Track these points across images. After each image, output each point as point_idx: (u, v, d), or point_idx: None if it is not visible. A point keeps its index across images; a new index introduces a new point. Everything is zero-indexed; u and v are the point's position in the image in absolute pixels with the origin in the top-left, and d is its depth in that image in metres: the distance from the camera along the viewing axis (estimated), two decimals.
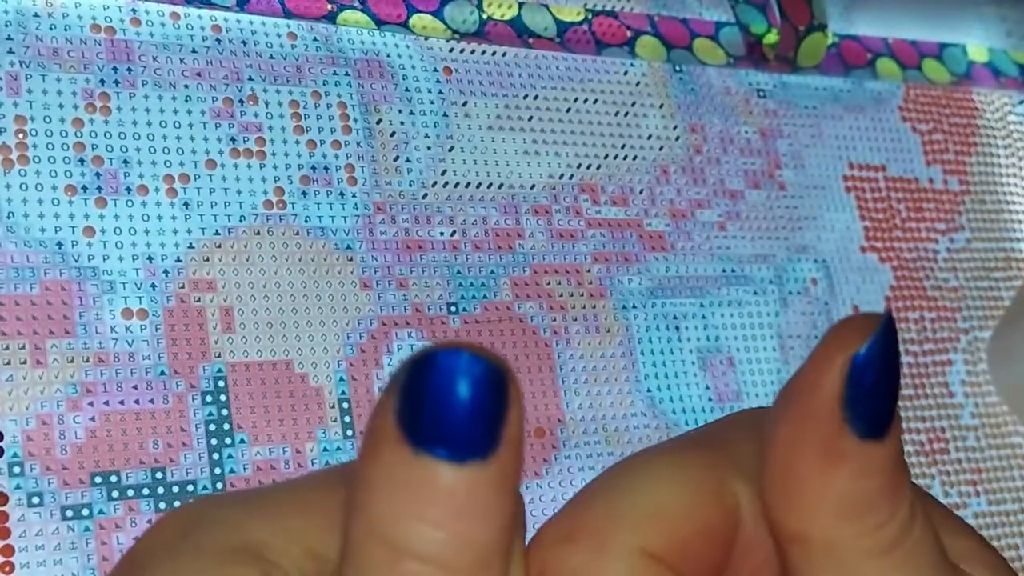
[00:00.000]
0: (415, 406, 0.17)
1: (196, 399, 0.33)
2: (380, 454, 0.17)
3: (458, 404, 0.17)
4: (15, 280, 0.32)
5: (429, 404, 0.17)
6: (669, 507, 0.21)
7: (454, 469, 0.17)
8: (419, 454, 0.17)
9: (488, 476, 0.17)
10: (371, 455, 0.17)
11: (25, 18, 0.34)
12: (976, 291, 0.48)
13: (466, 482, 0.17)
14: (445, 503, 0.17)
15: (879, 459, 0.19)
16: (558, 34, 0.41)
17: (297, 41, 0.38)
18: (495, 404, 0.17)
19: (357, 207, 0.37)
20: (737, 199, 0.44)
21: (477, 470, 0.17)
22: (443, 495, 0.17)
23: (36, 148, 0.33)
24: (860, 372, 0.19)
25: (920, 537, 0.20)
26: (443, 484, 0.17)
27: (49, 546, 0.30)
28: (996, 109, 0.52)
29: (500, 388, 0.17)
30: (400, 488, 0.17)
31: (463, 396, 0.17)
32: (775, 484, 0.20)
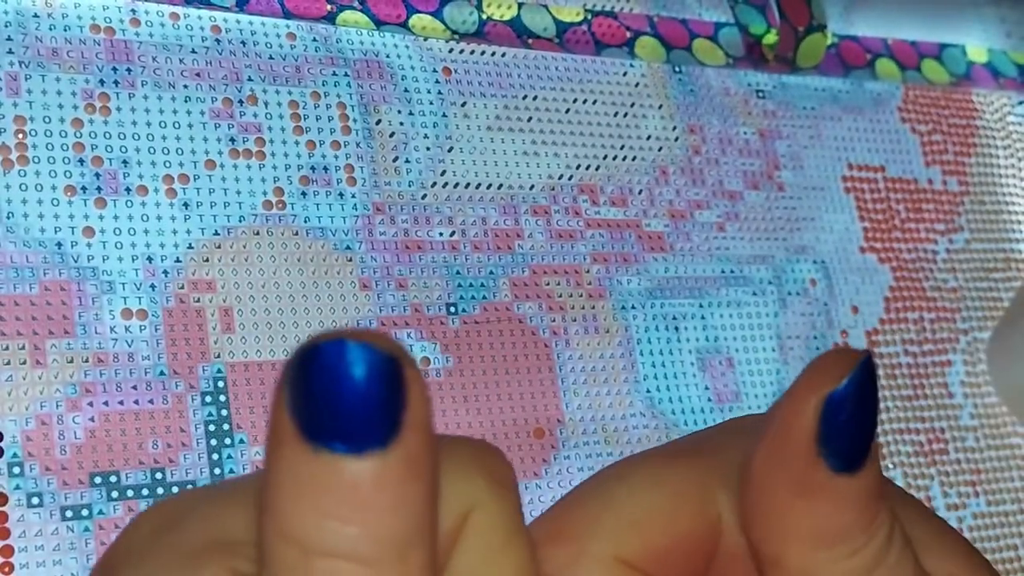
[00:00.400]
0: (306, 400, 0.16)
1: (196, 399, 0.33)
2: (280, 452, 0.17)
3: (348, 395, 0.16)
4: (15, 280, 0.32)
5: (319, 398, 0.16)
6: (648, 517, 0.21)
7: (355, 461, 0.16)
8: (317, 450, 0.16)
9: (391, 464, 0.16)
10: (272, 453, 0.17)
11: (25, 18, 0.34)
12: (975, 292, 0.48)
13: (369, 473, 0.16)
14: (350, 497, 0.16)
15: (853, 492, 0.20)
16: (557, 34, 0.41)
17: (296, 41, 0.38)
18: (388, 390, 0.16)
19: (356, 207, 0.37)
20: (736, 200, 0.44)
21: (379, 460, 0.16)
22: (347, 489, 0.16)
23: (36, 148, 0.33)
24: (835, 410, 0.19)
25: (896, 563, 0.20)
26: (346, 478, 0.16)
27: (49, 546, 0.30)
28: (995, 110, 0.52)
29: (392, 373, 0.16)
30: (303, 486, 0.16)
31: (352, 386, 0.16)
32: (752, 511, 0.21)
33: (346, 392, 0.16)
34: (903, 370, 0.45)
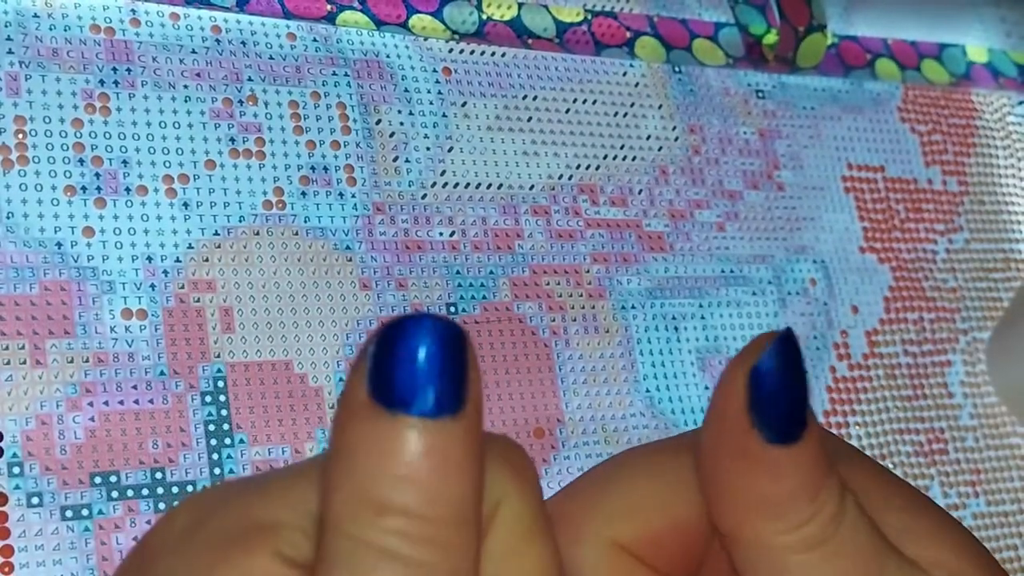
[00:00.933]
0: (386, 370, 0.18)
1: (196, 399, 0.33)
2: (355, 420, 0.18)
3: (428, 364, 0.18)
4: (15, 280, 0.32)
5: (400, 367, 0.18)
6: (644, 503, 0.22)
7: (428, 426, 0.18)
8: (394, 415, 0.18)
9: (460, 432, 0.18)
10: (346, 422, 0.18)
11: (25, 18, 0.34)
12: (975, 292, 0.48)
13: (441, 438, 0.18)
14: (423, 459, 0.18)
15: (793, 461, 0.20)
16: (557, 35, 0.41)
17: (297, 42, 0.38)
18: (460, 364, 0.18)
19: (356, 207, 0.37)
20: (736, 200, 0.44)
21: (450, 426, 0.18)
22: (420, 451, 0.18)
23: (36, 148, 0.33)
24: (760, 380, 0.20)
25: (850, 534, 0.21)
26: (419, 441, 0.18)
27: (49, 546, 0.30)
28: (995, 110, 0.52)
29: (463, 349, 0.18)
30: (378, 449, 0.18)
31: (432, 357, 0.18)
32: (705, 489, 0.22)
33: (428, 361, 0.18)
34: (903, 370, 0.45)
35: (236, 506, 0.19)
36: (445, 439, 0.18)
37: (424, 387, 0.18)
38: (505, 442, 0.20)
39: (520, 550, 0.19)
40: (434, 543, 0.18)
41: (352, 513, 0.18)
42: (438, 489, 0.18)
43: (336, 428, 0.19)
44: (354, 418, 0.18)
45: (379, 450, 0.18)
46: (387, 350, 0.18)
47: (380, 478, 0.18)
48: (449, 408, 0.18)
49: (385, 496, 0.18)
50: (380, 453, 0.18)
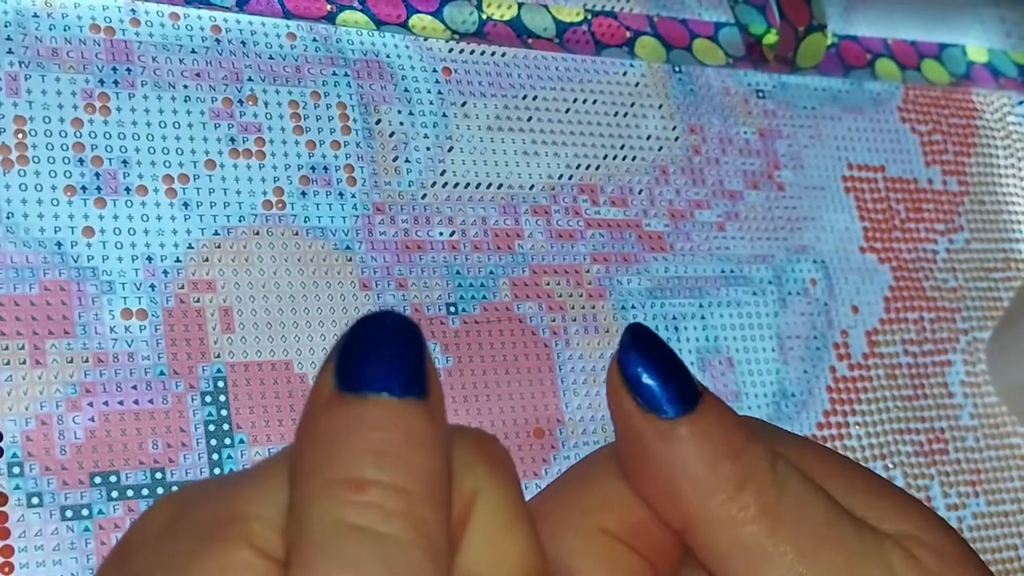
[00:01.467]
0: (353, 361, 0.19)
1: (196, 399, 0.33)
2: (325, 408, 0.19)
3: (392, 352, 0.19)
4: (15, 280, 0.32)
5: (369, 354, 0.19)
6: (622, 494, 0.23)
7: (398, 405, 0.19)
8: (364, 396, 0.19)
9: (427, 411, 0.19)
10: (315, 412, 0.19)
11: (25, 18, 0.34)
12: (975, 292, 0.48)
13: (410, 415, 0.19)
14: (394, 433, 0.19)
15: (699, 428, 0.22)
16: (557, 34, 0.41)
17: (296, 41, 0.38)
18: (421, 354, 0.19)
19: (356, 207, 0.37)
20: (736, 200, 0.44)
21: (417, 407, 0.19)
22: (391, 427, 0.19)
23: (36, 148, 0.33)
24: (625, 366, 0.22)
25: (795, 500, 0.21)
26: (390, 418, 0.19)
27: (48, 546, 0.30)
28: (995, 110, 0.52)
29: (422, 342, 0.19)
30: (349, 429, 0.19)
31: (395, 345, 0.19)
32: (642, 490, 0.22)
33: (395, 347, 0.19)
34: (903, 370, 0.45)
35: (212, 500, 0.20)
36: (413, 418, 0.19)
37: (390, 371, 0.19)
38: (478, 434, 0.21)
39: (502, 538, 0.20)
40: (409, 518, 0.18)
41: (325, 493, 0.18)
42: (411, 464, 0.18)
43: (305, 419, 0.19)
44: (324, 407, 0.19)
45: (350, 430, 0.18)
46: (352, 344, 0.19)
47: (353, 456, 0.18)
48: (414, 391, 0.19)
49: (358, 473, 0.18)
50: (351, 432, 0.18)
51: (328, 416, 0.19)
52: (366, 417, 0.19)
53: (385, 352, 0.19)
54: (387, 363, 0.19)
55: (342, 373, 0.19)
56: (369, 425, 0.19)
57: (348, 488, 0.18)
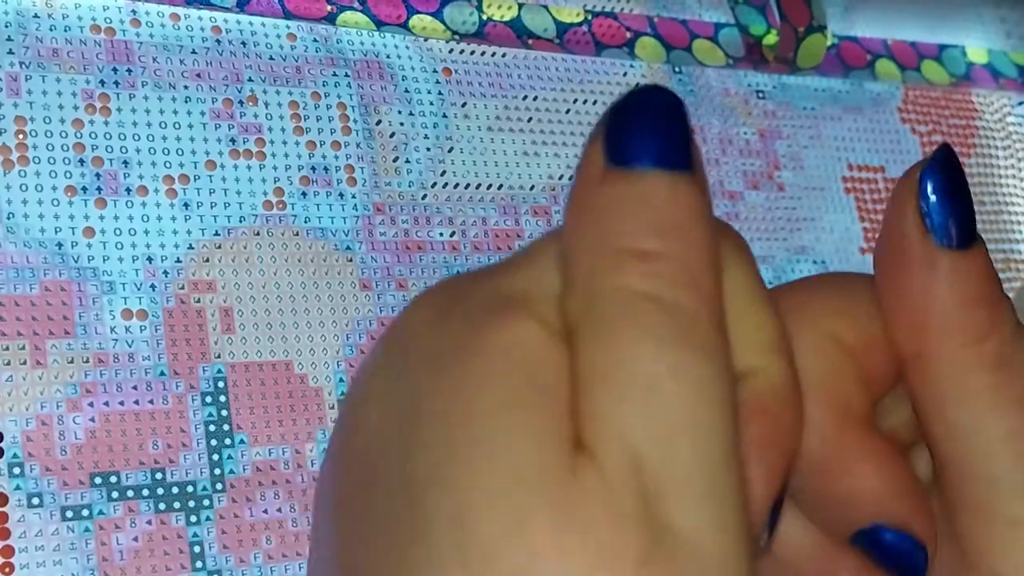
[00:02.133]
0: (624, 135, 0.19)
1: (196, 400, 0.33)
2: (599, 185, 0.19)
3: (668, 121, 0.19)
4: (15, 280, 0.32)
5: (638, 125, 0.19)
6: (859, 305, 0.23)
7: (674, 178, 0.19)
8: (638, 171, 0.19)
9: (696, 185, 0.19)
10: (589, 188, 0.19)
11: (25, 18, 0.34)
12: None
13: (686, 189, 0.19)
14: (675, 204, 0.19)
15: (966, 267, 0.21)
16: (558, 35, 0.41)
17: (297, 42, 0.38)
18: (688, 125, 0.20)
19: (357, 208, 0.37)
20: (736, 200, 0.44)
21: (690, 178, 0.19)
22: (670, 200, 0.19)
23: (36, 149, 0.33)
24: (927, 183, 0.22)
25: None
26: (667, 191, 0.19)
27: (49, 547, 0.30)
28: (995, 110, 0.52)
29: (686, 113, 0.20)
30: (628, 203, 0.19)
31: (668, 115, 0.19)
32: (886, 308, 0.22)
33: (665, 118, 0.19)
34: None
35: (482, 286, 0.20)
36: (689, 191, 0.19)
37: (662, 146, 0.19)
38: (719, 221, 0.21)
39: (750, 312, 0.20)
40: (693, 286, 0.19)
41: (612, 264, 0.19)
42: (693, 233, 0.19)
43: (577, 196, 0.19)
44: (598, 183, 0.19)
45: (629, 203, 0.19)
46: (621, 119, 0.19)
47: (635, 228, 0.19)
48: (685, 164, 0.19)
49: (641, 243, 0.19)
50: (631, 205, 0.19)
51: (603, 191, 0.19)
52: (644, 191, 0.19)
53: (657, 126, 0.19)
54: (658, 137, 0.19)
55: (613, 148, 0.19)
56: (649, 198, 0.19)
57: (635, 258, 0.19)
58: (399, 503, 0.18)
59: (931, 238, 0.21)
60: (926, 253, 0.21)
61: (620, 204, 0.19)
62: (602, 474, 0.17)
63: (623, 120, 0.19)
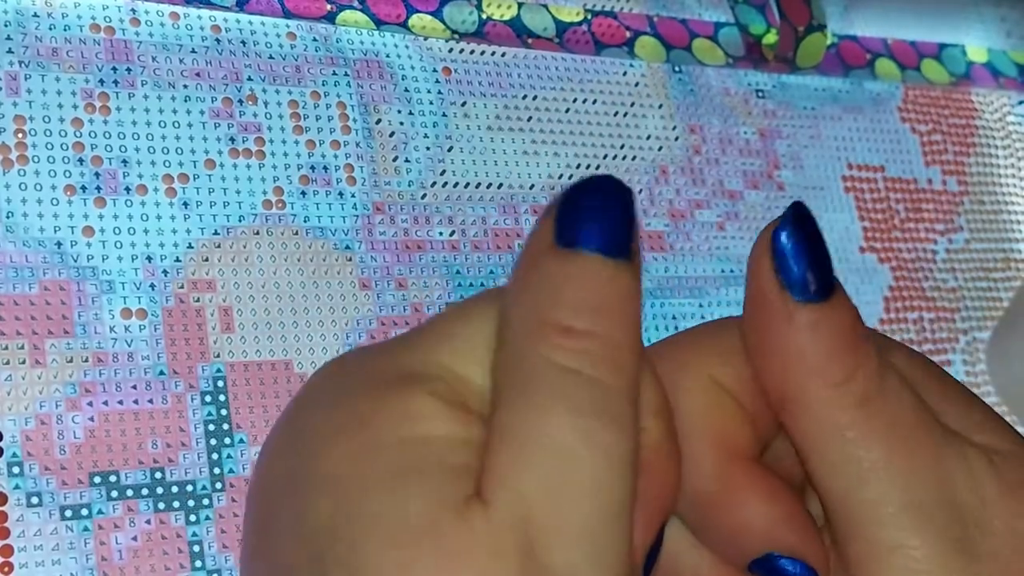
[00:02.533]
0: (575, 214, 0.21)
1: (195, 399, 0.33)
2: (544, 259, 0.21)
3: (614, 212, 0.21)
4: (14, 280, 0.32)
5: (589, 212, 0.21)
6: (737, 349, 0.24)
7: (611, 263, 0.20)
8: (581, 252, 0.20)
9: (632, 273, 0.21)
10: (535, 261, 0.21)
11: (25, 18, 0.34)
12: (975, 292, 0.48)
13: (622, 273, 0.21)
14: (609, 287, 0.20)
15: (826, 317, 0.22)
16: (557, 34, 0.41)
17: (296, 41, 0.38)
18: (634, 216, 0.21)
19: (356, 207, 0.37)
20: (736, 199, 0.44)
21: (628, 266, 0.21)
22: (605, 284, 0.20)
23: (35, 148, 0.33)
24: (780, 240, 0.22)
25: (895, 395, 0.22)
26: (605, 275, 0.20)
27: (48, 546, 0.30)
28: (995, 110, 0.52)
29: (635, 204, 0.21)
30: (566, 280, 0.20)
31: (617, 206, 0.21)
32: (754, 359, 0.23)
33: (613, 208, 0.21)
34: None
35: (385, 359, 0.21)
36: (624, 277, 0.21)
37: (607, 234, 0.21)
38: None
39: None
40: (614, 365, 0.20)
41: (539, 336, 0.20)
42: (621, 316, 0.20)
43: (523, 267, 0.21)
44: (543, 257, 0.21)
45: (566, 281, 0.20)
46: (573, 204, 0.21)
47: (568, 305, 0.20)
48: (625, 254, 0.21)
49: (572, 320, 0.20)
50: (567, 283, 0.20)
51: (547, 266, 0.21)
52: (583, 272, 0.20)
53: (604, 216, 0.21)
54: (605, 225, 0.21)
55: (562, 230, 0.21)
56: (586, 279, 0.20)
57: (563, 333, 0.20)
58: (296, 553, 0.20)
59: (788, 294, 0.22)
60: (784, 309, 0.22)
61: (559, 280, 0.20)
62: (489, 517, 0.19)
63: (574, 203, 0.21)
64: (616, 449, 0.20)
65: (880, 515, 0.22)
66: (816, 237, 0.23)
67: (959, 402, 0.24)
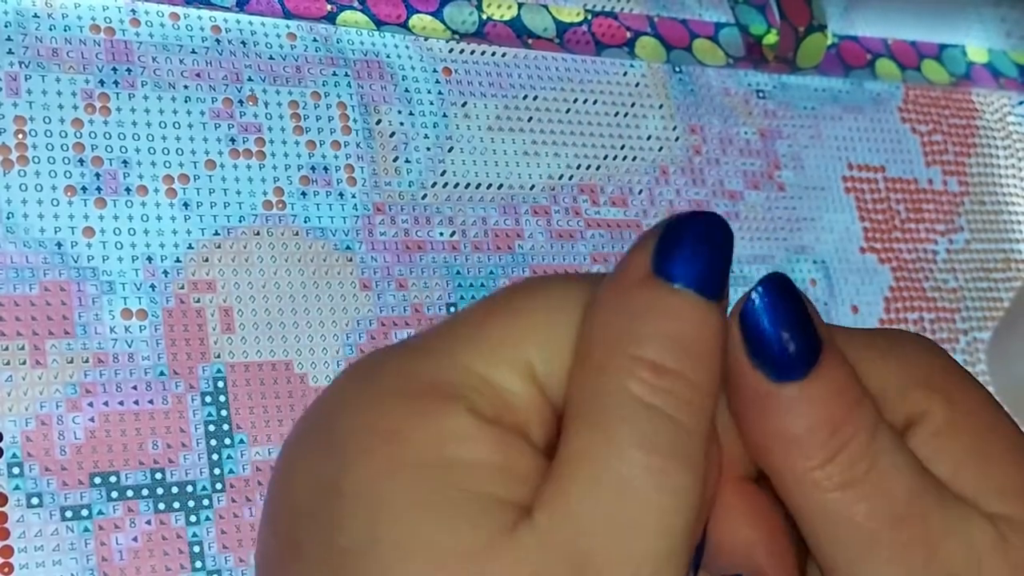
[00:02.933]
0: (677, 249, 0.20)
1: (195, 399, 0.33)
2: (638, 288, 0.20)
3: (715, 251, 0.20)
4: (15, 280, 0.32)
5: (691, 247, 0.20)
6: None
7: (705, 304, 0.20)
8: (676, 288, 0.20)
9: (723, 316, 0.20)
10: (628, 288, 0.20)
11: (25, 18, 0.34)
12: (975, 292, 0.48)
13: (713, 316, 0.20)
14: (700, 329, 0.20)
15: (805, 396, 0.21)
16: (558, 35, 0.41)
17: (297, 42, 0.38)
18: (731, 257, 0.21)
19: (357, 207, 0.37)
20: (736, 200, 0.44)
21: (717, 309, 0.20)
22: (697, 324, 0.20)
23: (36, 148, 0.33)
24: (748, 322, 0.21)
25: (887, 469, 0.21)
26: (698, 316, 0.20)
27: (48, 547, 0.30)
28: (995, 110, 0.52)
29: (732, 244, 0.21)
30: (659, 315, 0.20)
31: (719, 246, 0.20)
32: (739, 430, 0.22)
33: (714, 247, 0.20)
34: None
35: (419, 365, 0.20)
36: (715, 320, 0.20)
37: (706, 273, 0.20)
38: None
39: None
40: (697, 408, 0.20)
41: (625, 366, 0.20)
42: (708, 359, 0.20)
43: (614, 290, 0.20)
44: (637, 285, 0.20)
45: (659, 316, 0.20)
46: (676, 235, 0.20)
47: (658, 340, 0.20)
48: (718, 295, 0.20)
49: (660, 357, 0.20)
50: (660, 318, 0.20)
51: (640, 295, 0.20)
52: (678, 309, 0.20)
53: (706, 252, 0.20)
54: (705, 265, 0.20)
55: (661, 260, 0.20)
56: (676, 316, 0.20)
57: (648, 369, 0.20)
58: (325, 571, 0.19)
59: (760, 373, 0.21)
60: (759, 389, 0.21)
61: (651, 312, 0.20)
62: (542, 540, 0.19)
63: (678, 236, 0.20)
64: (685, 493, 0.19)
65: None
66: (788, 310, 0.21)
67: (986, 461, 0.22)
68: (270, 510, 0.21)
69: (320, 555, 0.19)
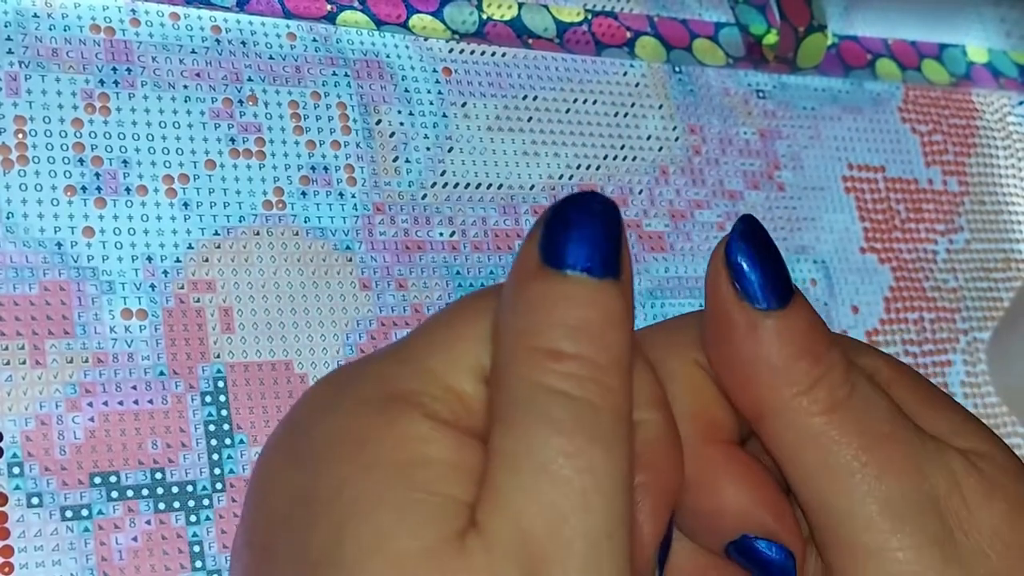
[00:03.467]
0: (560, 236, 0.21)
1: (195, 399, 0.33)
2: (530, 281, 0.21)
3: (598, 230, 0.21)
4: (14, 280, 0.32)
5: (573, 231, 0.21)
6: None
7: (596, 284, 0.20)
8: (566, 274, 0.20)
9: (620, 293, 0.21)
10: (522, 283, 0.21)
11: (25, 18, 0.34)
12: (975, 292, 0.48)
13: (606, 295, 0.20)
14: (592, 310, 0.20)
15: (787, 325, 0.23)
16: (558, 35, 0.41)
17: (297, 41, 0.38)
18: (620, 233, 0.21)
19: (356, 207, 0.37)
20: (736, 200, 0.44)
21: (613, 286, 0.21)
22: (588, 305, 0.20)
23: (36, 148, 0.33)
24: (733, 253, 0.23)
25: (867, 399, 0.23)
26: (588, 296, 0.20)
27: (48, 547, 0.30)
28: (995, 110, 0.52)
29: (621, 224, 0.21)
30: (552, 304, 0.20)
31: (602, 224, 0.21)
32: (719, 374, 0.23)
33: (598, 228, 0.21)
34: None
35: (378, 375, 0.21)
36: (609, 297, 0.21)
37: (592, 252, 0.20)
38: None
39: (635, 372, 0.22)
40: (603, 385, 0.20)
41: (528, 359, 0.20)
42: (608, 336, 0.20)
43: (511, 288, 0.21)
44: (529, 278, 0.21)
45: (551, 303, 0.20)
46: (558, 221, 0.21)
47: (555, 328, 0.20)
48: (612, 272, 0.21)
49: (558, 343, 0.20)
50: (552, 306, 0.20)
51: (533, 288, 0.21)
52: (569, 293, 0.20)
53: (589, 234, 0.21)
54: (589, 244, 0.21)
55: (548, 249, 0.21)
56: (569, 302, 0.20)
57: (550, 357, 0.20)
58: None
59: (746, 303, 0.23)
60: (747, 319, 0.23)
61: (545, 302, 0.20)
62: (489, 547, 0.19)
63: (560, 223, 0.21)
64: (604, 468, 0.20)
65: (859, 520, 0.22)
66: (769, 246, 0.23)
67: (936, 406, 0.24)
68: (247, 522, 0.22)
69: (293, 561, 0.20)
